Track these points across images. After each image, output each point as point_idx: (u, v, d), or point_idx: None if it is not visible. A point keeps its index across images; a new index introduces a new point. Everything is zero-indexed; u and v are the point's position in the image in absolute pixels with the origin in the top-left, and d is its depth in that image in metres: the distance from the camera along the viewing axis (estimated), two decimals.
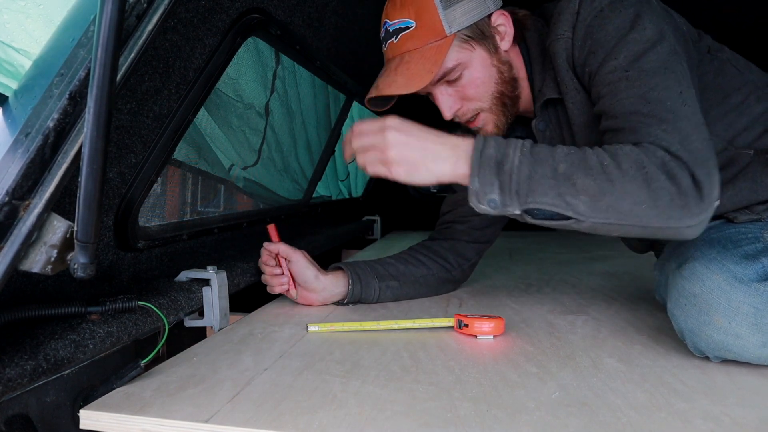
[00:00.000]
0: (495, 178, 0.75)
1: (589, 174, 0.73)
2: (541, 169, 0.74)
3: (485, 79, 0.95)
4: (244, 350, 0.83)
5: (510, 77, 0.97)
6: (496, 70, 0.96)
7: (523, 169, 0.74)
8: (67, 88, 0.56)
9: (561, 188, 0.73)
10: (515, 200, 0.75)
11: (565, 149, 0.77)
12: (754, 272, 0.73)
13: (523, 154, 0.76)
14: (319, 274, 1.07)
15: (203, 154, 1.28)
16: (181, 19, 0.83)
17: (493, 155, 0.76)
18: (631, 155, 0.74)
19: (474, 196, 0.77)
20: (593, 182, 0.73)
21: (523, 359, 0.79)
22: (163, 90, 0.86)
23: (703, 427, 0.58)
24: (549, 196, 0.74)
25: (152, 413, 0.61)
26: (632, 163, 0.73)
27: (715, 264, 0.75)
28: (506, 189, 0.75)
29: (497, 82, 0.96)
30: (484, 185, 0.76)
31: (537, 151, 0.76)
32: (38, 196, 0.56)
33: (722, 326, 0.72)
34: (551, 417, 0.60)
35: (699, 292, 0.74)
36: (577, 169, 0.74)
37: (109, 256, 0.87)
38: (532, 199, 0.74)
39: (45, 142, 0.56)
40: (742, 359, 0.74)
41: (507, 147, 0.77)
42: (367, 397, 0.65)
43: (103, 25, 0.49)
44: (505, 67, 0.97)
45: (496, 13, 0.95)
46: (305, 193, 1.88)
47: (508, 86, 0.97)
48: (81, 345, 0.68)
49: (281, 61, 1.46)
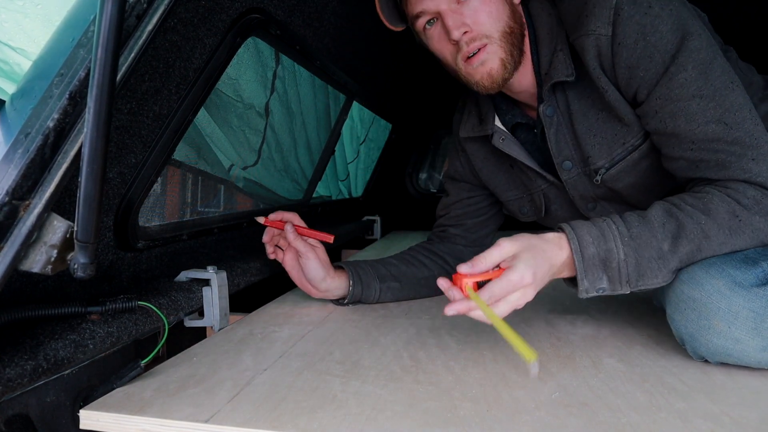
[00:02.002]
0: (603, 273, 0.77)
1: (691, 241, 0.76)
2: (647, 254, 0.76)
3: (498, 11, 0.89)
4: (244, 350, 0.83)
5: (520, 21, 0.92)
6: (510, 10, 0.90)
7: (630, 261, 0.76)
8: (67, 88, 0.56)
9: (669, 265, 0.76)
10: (626, 286, 0.78)
11: (660, 218, 0.77)
12: (754, 276, 0.73)
13: (626, 244, 0.76)
14: (328, 276, 1.05)
15: (203, 154, 1.28)
16: (181, 19, 0.83)
17: (596, 254, 0.76)
18: (723, 205, 0.76)
19: (583, 291, 0.78)
20: (692, 245, 0.76)
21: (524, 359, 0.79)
22: (163, 90, 0.86)
23: (703, 427, 0.58)
24: (659, 277, 0.77)
25: (152, 413, 0.61)
26: (726, 213, 0.76)
27: (714, 268, 0.74)
28: (616, 280, 0.77)
29: (509, 18, 0.90)
30: (593, 282, 0.78)
31: (636, 234, 0.77)
32: (38, 196, 0.56)
33: (722, 331, 0.72)
34: (551, 417, 0.60)
35: (698, 296, 0.74)
36: (679, 242, 0.76)
37: (109, 256, 0.87)
38: (642, 283, 0.77)
39: (45, 142, 0.55)
40: (742, 364, 0.74)
41: (606, 240, 0.76)
42: (367, 397, 0.65)
43: (103, 25, 0.49)
44: (517, 10, 0.92)
45: None
46: (305, 193, 1.88)
47: (518, 33, 0.91)
48: (81, 345, 0.68)
49: (281, 61, 1.46)
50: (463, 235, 1.22)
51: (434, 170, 2.99)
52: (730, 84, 0.79)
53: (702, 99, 0.79)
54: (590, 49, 0.85)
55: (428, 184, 2.96)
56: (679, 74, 0.79)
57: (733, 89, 0.79)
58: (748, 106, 0.79)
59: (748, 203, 0.76)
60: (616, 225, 0.78)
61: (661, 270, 0.76)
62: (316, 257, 1.04)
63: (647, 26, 0.80)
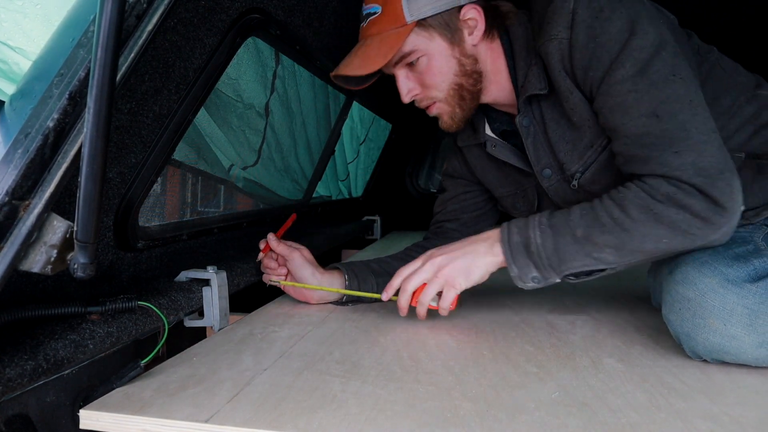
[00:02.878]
0: (528, 259, 0.85)
1: (604, 230, 0.80)
2: (563, 239, 0.82)
3: (443, 70, 0.96)
4: (244, 350, 0.83)
5: (473, 71, 0.97)
6: (457, 62, 0.96)
7: (548, 245, 0.83)
8: (67, 88, 0.56)
9: (586, 249, 0.81)
10: (552, 272, 0.84)
11: (577, 211, 0.84)
12: (746, 273, 0.74)
13: (543, 231, 0.84)
14: (316, 272, 1.08)
15: (203, 154, 1.28)
16: (181, 19, 0.83)
17: (518, 240, 0.86)
18: (636, 200, 0.79)
19: (517, 279, 0.87)
20: (611, 236, 0.80)
21: (523, 359, 0.79)
22: (163, 90, 0.86)
23: (703, 427, 0.58)
24: (578, 259, 0.82)
25: (152, 413, 0.61)
26: (639, 208, 0.78)
27: (706, 267, 0.75)
28: (540, 266, 0.84)
29: (456, 74, 0.96)
30: (521, 268, 0.85)
31: (554, 222, 0.84)
32: (38, 196, 0.56)
33: (717, 328, 0.72)
34: (551, 417, 0.60)
35: (692, 295, 0.75)
36: (593, 229, 0.81)
37: (109, 256, 0.87)
38: (564, 267, 0.83)
39: (45, 142, 0.55)
40: (739, 361, 0.74)
41: (527, 228, 0.85)
42: (367, 397, 0.65)
43: (103, 25, 0.49)
44: (469, 60, 0.96)
45: (467, 7, 0.94)
46: (305, 193, 1.88)
47: (469, 79, 0.97)
48: (81, 345, 0.68)
49: (281, 61, 1.46)
50: (459, 230, 1.23)
51: (434, 170, 2.99)
52: (671, 77, 0.79)
53: (637, 93, 0.80)
54: (554, 54, 0.87)
55: (428, 184, 2.96)
56: (617, 71, 0.81)
57: (674, 81, 0.79)
58: (688, 97, 0.79)
59: (662, 198, 0.78)
60: (540, 216, 0.86)
61: (579, 253, 0.81)
62: (301, 256, 1.07)
63: (597, 28, 0.82)
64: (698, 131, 0.77)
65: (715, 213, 0.76)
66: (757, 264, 0.75)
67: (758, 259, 0.76)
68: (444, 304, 0.92)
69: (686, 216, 0.76)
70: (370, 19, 0.96)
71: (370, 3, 0.97)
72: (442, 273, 0.91)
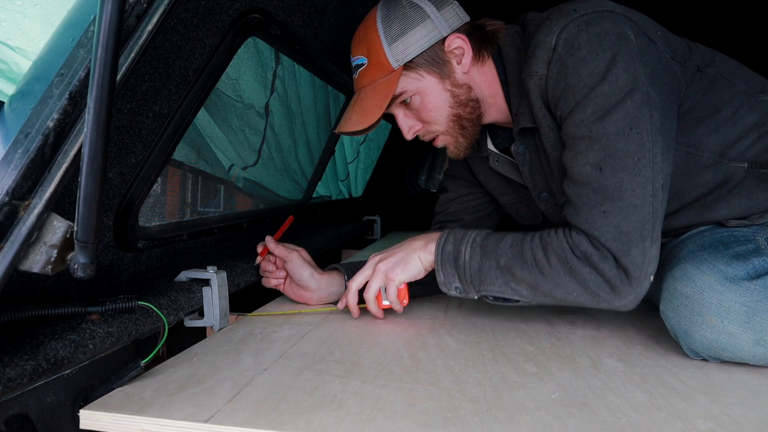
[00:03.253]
0: (454, 270, 0.89)
1: (524, 267, 0.84)
2: (488, 262, 0.87)
3: (438, 104, 0.96)
4: (244, 350, 0.83)
5: (468, 99, 0.97)
6: (450, 95, 0.96)
7: (474, 263, 0.87)
8: (67, 88, 0.56)
9: (505, 277, 0.86)
10: (472, 288, 0.88)
11: (509, 240, 0.87)
12: (744, 271, 0.74)
13: (473, 249, 0.88)
14: (315, 272, 1.08)
15: (203, 155, 1.28)
16: (181, 19, 0.83)
17: (450, 251, 0.90)
18: (558, 250, 0.82)
19: (442, 284, 0.91)
20: (529, 274, 0.84)
21: (523, 359, 0.79)
22: (163, 90, 0.86)
23: (703, 427, 0.58)
24: (496, 284, 0.86)
25: (152, 413, 0.61)
26: (558, 258, 0.82)
27: (705, 265, 0.76)
28: (463, 279, 0.89)
29: (452, 106, 0.97)
30: (447, 276, 0.90)
31: (485, 244, 0.88)
32: (38, 196, 0.56)
33: (715, 325, 0.73)
34: (551, 417, 0.60)
35: (690, 292, 0.75)
36: (515, 262, 0.85)
37: (109, 256, 0.87)
38: (483, 288, 0.87)
39: (45, 142, 0.55)
40: (737, 359, 0.74)
41: (461, 243, 0.90)
42: (367, 397, 0.65)
43: (103, 25, 0.48)
44: (462, 89, 0.96)
45: (450, 37, 0.94)
46: (305, 193, 1.88)
47: (466, 108, 0.98)
48: (81, 345, 0.68)
49: (281, 61, 1.46)
50: None
51: (434, 170, 2.99)
52: (627, 130, 0.78)
53: (590, 141, 0.80)
54: (534, 90, 0.88)
55: (428, 185, 2.96)
56: (578, 114, 0.81)
57: (628, 136, 0.78)
58: (637, 155, 0.78)
59: (579, 255, 0.81)
60: (477, 234, 0.90)
61: (498, 279, 0.86)
62: (299, 257, 1.08)
63: (570, 68, 0.82)
64: (633, 194, 0.78)
65: (623, 282, 0.79)
66: (757, 263, 0.75)
67: (758, 257, 0.76)
68: (390, 297, 0.97)
69: (597, 278, 0.79)
70: (360, 70, 0.98)
71: (355, 54, 0.99)
72: (379, 267, 0.96)
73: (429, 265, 0.94)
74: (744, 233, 0.85)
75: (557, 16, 0.85)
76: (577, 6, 0.85)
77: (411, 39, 0.92)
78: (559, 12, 0.86)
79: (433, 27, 0.93)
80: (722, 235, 0.86)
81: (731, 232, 0.87)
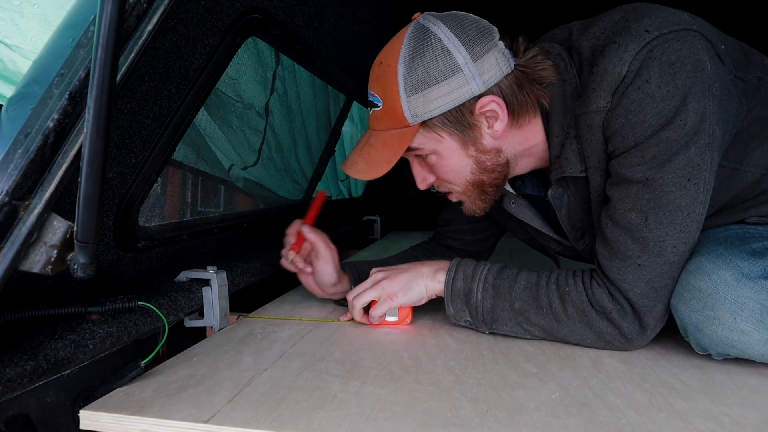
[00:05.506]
0: (464, 306, 0.89)
1: (539, 312, 0.84)
2: (501, 303, 0.86)
3: (457, 169, 0.86)
4: (244, 350, 0.83)
5: (495, 165, 0.86)
6: (473, 161, 0.85)
7: (486, 303, 0.87)
8: (67, 88, 0.56)
9: (518, 319, 0.85)
10: (484, 326, 0.88)
11: (523, 282, 0.85)
12: (762, 269, 0.72)
13: (485, 289, 0.87)
14: (338, 282, 1.05)
15: (203, 155, 1.28)
16: (181, 19, 0.83)
17: (461, 288, 0.88)
18: (576, 302, 0.81)
19: (451, 317, 0.91)
20: (543, 320, 0.84)
21: (523, 359, 0.79)
22: (163, 90, 0.86)
23: (703, 427, 0.58)
24: (509, 325, 0.86)
25: (152, 413, 0.61)
26: (576, 309, 0.81)
27: (722, 259, 0.73)
28: (475, 317, 0.88)
29: (474, 172, 0.86)
30: (457, 311, 0.90)
31: (497, 284, 0.86)
32: (38, 196, 0.56)
33: (727, 322, 0.71)
34: (551, 417, 0.60)
35: (704, 286, 0.73)
36: (530, 307, 0.84)
37: (109, 256, 0.87)
38: (496, 327, 0.88)
39: (45, 142, 0.55)
40: (745, 356, 0.73)
41: (472, 281, 0.88)
42: (367, 397, 0.65)
43: (103, 25, 0.48)
44: (489, 155, 0.85)
45: (484, 99, 0.80)
46: (305, 193, 1.88)
47: (492, 175, 0.87)
48: (81, 345, 0.68)
49: (281, 61, 1.46)
50: (462, 248, 1.22)
51: None
52: (685, 182, 0.73)
53: (642, 187, 0.75)
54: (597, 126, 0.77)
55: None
56: (635, 157, 0.75)
57: (685, 188, 0.73)
58: (688, 210, 0.74)
59: (599, 309, 0.80)
60: (488, 272, 0.88)
61: (511, 320, 0.86)
62: (332, 258, 1.03)
63: (635, 103, 0.73)
64: (674, 251, 0.76)
65: (640, 334, 0.80)
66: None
67: None
68: (374, 312, 0.93)
69: (614, 331, 0.80)
70: (374, 110, 0.85)
71: (372, 90, 0.85)
72: (380, 284, 0.93)
73: (434, 293, 0.93)
74: (760, 231, 0.82)
75: (626, 39, 0.74)
76: (649, 25, 0.74)
77: (434, 93, 0.79)
78: (627, 33, 0.74)
79: (463, 82, 0.79)
80: (738, 231, 0.83)
81: (746, 229, 0.84)
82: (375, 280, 0.95)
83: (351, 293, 0.97)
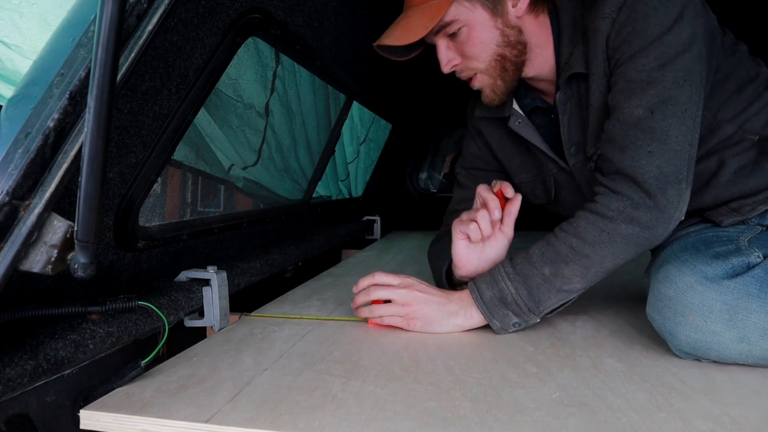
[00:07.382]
0: (506, 310, 0.88)
1: (568, 261, 0.85)
2: (534, 281, 0.87)
3: (485, 40, 0.95)
4: (244, 350, 0.83)
5: (517, 41, 0.96)
6: (500, 33, 0.95)
7: (522, 292, 0.87)
8: (67, 88, 0.56)
9: (556, 285, 0.86)
10: (532, 315, 0.88)
11: (536, 251, 0.88)
12: (724, 271, 0.75)
13: (513, 280, 0.88)
14: None
15: (203, 155, 1.28)
16: (181, 19, 0.83)
17: (492, 295, 0.89)
18: (588, 226, 0.85)
19: (499, 329, 0.90)
20: (576, 266, 0.85)
21: (523, 359, 0.79)
22: (163, 90, 0.86)
23: (703, 427, 0.58)
24: (552, 297, 0.87)
25: (152, 413, 0.61)
26: (593, 232, 0.84)
27: (686, 266, 0.77)
28: (520, 312, 0.88)
29: (499, 45, 0.96)
30: (502, 320, 0.89)
31: (520, 269, 0.88)
32: (38, 196, 0.56)
33: (698, 325, 0.73)
34: (551, 417, 0.60)
35: (672, 294, 0.76)
36: (557, 264, 0.86)
37: (109, 256, 0.87)
38: (543, 307, 0.88)
39: (45, 142, 0.55)
40: (724, 358, 0.75)
41: (496, 282, 0.89)
42: (367, 397, 0.65)
43: (103, 25, 0.49)
44: (512, 31, 0.96)
45: None
46: (305, 193, 1.88)
47: (513, 50, 0.97)
48: (81, 345, 0.68)
49: (281, 61, 1.46)
50: None
51: (434, 170, 2.99)
52: (682, 81, 0.82)
53: (647, 85, 0.83)
54: (603, 31, 0.88)
55: (428, 184, 2.96)
56: (640, 58, 0.84)
57: (682, 86, 0.82)
58: (685, 106, 0.82)
59: (612, 215, 0.84)
60: (504, 267, 0.90)
61: (551, 291, 0.86)
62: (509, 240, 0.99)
63: (639, 14, 0.84)
64: (677, 140, 0.82)
65: (659, 218, 0.82)
66: (735, 262, 0.76)
67: (737, 257, 0.77)
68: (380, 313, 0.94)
69: (635, 229, 0.83)
70: None
71: None
72: (409, 307, 0.92)
73: (466, 327, 0.92)
74: (729, 234, 0.86)
75: None
76: None
77: None
78: None
79: None
80: (706, 235, 0.87)
81: (717, 232, 0.88)
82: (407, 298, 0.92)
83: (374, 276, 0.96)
